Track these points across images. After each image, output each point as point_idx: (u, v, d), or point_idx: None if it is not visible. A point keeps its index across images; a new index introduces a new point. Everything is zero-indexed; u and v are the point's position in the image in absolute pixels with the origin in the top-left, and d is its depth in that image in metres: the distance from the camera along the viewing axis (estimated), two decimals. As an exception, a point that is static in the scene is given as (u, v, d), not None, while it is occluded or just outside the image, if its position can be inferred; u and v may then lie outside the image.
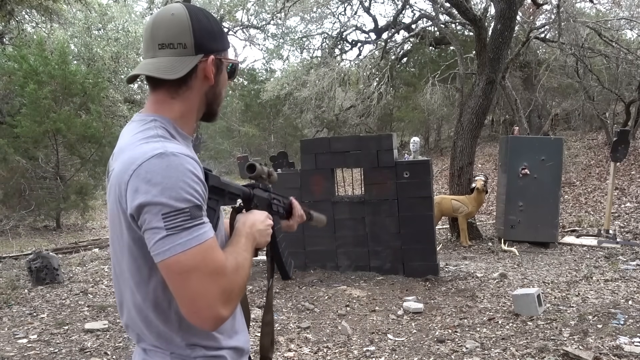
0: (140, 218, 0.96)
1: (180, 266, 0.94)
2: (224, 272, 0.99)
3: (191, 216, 0.95)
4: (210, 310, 0.97)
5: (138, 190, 0.96)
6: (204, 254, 0.96)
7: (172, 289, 0.97)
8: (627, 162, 11.38)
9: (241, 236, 1.11)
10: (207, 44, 1.10)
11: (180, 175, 0.96)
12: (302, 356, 3.58)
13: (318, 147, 5.89)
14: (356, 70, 15.97)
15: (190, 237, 0.95)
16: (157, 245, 0.94)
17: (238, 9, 20.26)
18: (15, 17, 13.75)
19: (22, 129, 10.57)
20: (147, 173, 0.96)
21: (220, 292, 0.97)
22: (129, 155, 1.02)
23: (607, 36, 11.86)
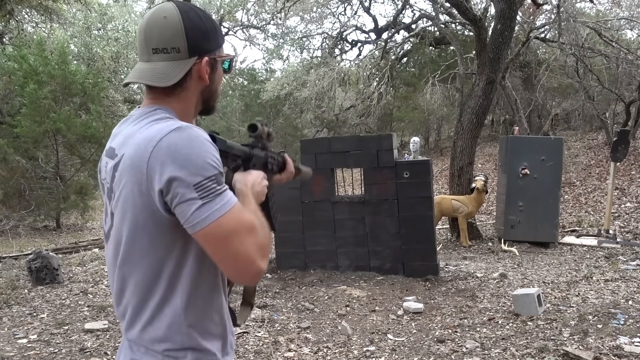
0: (170, 192, 0.98)
1: (221, 230, 0.99)
2: (256, 229, 1.05)
3: (218, 182, 1.00)
4: (252, 265, 1.03)
5: (164, 164, 0.98)
6: (238, 215, 1.02)
7: (214, 254, 1.02)
8: (627, 162, 11.39)
9: (248, 196, 1.14)
10: (200, 45, 1.10)
11: (202, 145, 1.00)
12: (302, 356, 3.58)
13: (318, 147, 5.89)
14: (356, 70, 15.97)
15: (224, 202, 1.00)
16: (194, 216, 0.98)
17: (238, 9, 20.27)
18: (15, 17, 13.75)
19: (22, 129, 10.57)
20: (170, 147, 0.99)
21: (257, 247, 1.04)
22: (142, 136, 1.03)
23: (607, 36, 11.86)
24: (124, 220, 1.06)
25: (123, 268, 1.10)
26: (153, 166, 0.99)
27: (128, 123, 1.12)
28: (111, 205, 1.10)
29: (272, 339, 3.83)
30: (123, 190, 1.05)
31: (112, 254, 1.12)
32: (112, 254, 1.12)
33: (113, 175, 1.08)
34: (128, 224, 1.05)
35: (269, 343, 3.75)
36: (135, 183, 1.01)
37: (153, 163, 0.99)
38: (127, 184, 1.03)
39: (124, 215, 1.06)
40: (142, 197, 1.01)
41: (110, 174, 1.10)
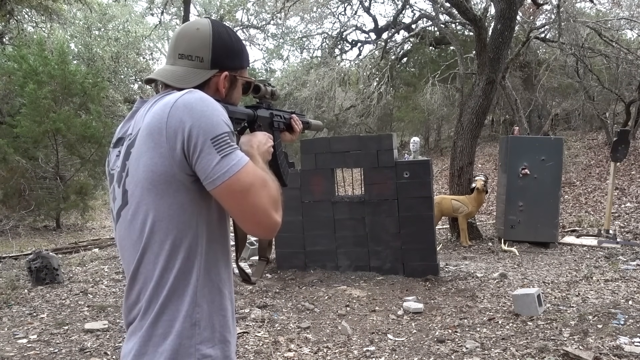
0: (191, 147, 1.03)
1: (240, 183, 1.05)
2: (269, 183, 1.11)
3: (231, 139, 1.06)
4: (269, 218, 1.09)
5: (182, 120, 1.03)
6: (253, 171, 1.08)
7: (234, 208, 1.08)
8: (627, 162, 11.38)
9: (256, 157, 1.19)
10: (223, 60, 1.20)
11: (214, 105, 1.07)
12: (302, 356, 3.58)
13: (318, 147, 5.89)
14: (356, 70, 15.97)
15: (239, 158, 1.06)
16: (214, 170, 1.03)
17: (238, 9, 20.27)
18: (15, 17, 13.75)
19: (22, 129, 10.56)
20: (186, 105, 1.05)
21: (271, 201, 1.10)
22: (157, 106, 1.09)
23: (607, 36, 11.86)
24: (143, 191, 1.07)
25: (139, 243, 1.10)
26: (172, 124, 1.04)
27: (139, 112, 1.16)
28: (123, 184, 1.12)
29: (272, 339, 3.83)
30: (141, 160, 1.07)
31: (124, 233, 1.13)
32: (124, 234, 1.13)
33: (127, 153, 1.11)
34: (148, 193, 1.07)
35: (269, 343, 3.75)
36: (155, 147, 1.05)
37: (172, 121, 1.04)
38: (147, 151, 1.06)
39: (143, 185, 1.07)
40: (162, 159, 1.04)
41: (122, 156, 1.13)
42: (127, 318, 1.15)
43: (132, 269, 1.11)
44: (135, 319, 1.12)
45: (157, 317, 1.08)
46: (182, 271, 1.08)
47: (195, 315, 1.08)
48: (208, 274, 1.11)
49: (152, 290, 1.09)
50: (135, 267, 1.10)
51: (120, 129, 1.21)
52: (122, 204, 1.12)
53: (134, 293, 1.12)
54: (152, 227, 1.07)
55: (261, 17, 20.37)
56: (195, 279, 1.09)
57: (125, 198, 1.11)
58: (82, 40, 18.24)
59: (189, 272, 1.08)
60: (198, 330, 1.08)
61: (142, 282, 1.10)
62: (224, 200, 1.07)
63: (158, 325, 1.08)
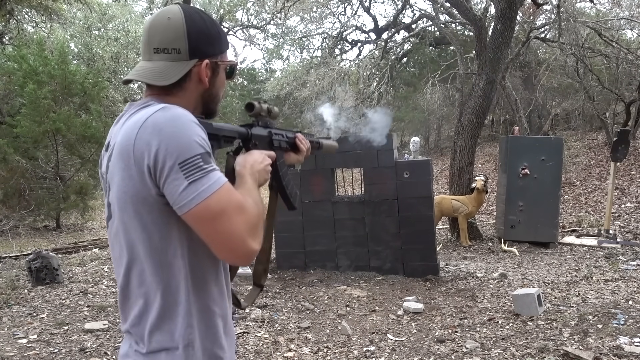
0: (158, 171, 0.98)
1: (209, 210, 0.98)
2: (247, 208, 1.04)
3: (204, 162, 0.99)
4: (243, 245, 1.02)
5: (150, 143, 0.97)
6: (227, 194, 1.01)
7: (204, 235, 1.01)
8: (627, 162, 11.38)
9: (245, 177, 1.14)
10: (202, 48, 1.11)
11: (187, 124, 1.00)
12: (302, 356, 3.58)
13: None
14: (356, 70, 15.97)
15: (211, 182, 0.99)
16: (181, 197, 0.97)
17: (238, 9, 20.26)
18: (15, 17, 13.74)
19: (22, 129, 10.55)
20: (155, 126, 0.98)
21: (248, 227, 1.03)
22: (130, 122, 1.04)
23: (607, 36, 11.85)
24: (120, 209, 1.06)
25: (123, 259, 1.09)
26: (139, 147, 0.98)
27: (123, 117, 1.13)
28: (107, 195, 1.10)
29: (272, 339, 3.83)
30: (115, 178, 1.05)
31: (112, 243, 1.12)
32: (112, 244, 1.12)
33: (107, 166, 1.09)
34: (123, 212, 1.05)
35: (269, 343, 3.75)
36: (125, 169, 1.01)
37: (139, 144, 0.98)
38: (119, 171, 1.03)
39: (119, 204, 1.05)
40: (132, 182, 1.01)
41: (105, 166, 1.11)
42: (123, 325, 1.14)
43: (121, 284, 1.10)
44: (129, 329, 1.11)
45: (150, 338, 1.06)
46: (168, 291, 1.04)
47: (188, 337, 1.05)
48: (197, 291, 1.07)
49: (141, 309, 1.07)
50: (123, 283, 1.09)
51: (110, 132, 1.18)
52: (108, 215, 1.11)
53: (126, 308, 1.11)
54: (132, 246, 1.05)
55: (261, 17, 20.36)
56: (185, 298, 1.05)
57: (110, 211, 1.10)
58: (82, 40, 18.23)
59: (176, 291, 1.05)
60: (192, 351, 1.06)
61: (132, 299, 1.09)
62: (194, 227, 1.01)
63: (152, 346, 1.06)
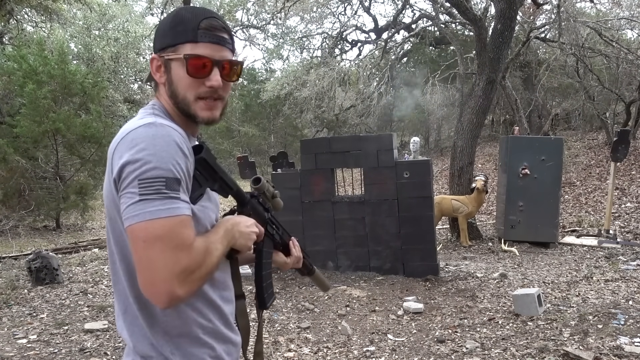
0: (119, 183, 0.96)
1: (145, 234, 0.92)
2: (189, 250, 0.95)
3: (167, 187, 0.93)
4: (165, 284, 0.92)
5: (122, 155, 0.96)
6: (172, 227, 0.93)
7: (134, 256, 0.95)
8: (627, 162, 11.38)
9: (220, 228, 1.06)
10: (156, 44, 1.09)
11: (165, 145, 0.95)
12: (302, 356, 3.57)
13: (318, 147, 5.88)
14: (356, 70, 15.97)
15: (162, 208, 0.92)
16: (128, 210, 0.93)
17: (238, 9, 20.24)
18: (15, 17, 13.74)
19: (22, 129, 10.55)
20: (133, 140, 0.96)
21: (179, 269, 0.93)
22: (121, 130, 1.04)
23: (608, 36, 11.85)
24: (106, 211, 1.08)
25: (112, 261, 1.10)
26: (115, 157, 0.98)
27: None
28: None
29: (272, 339, 3.82)
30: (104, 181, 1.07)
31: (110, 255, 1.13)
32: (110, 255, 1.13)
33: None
34: (107, 216, 1.07)
35: (269, 343, 3.75)
36: (107, 174, 1.03)
37: (116, 154, 0.98)
38: (106, 175, 1.05)
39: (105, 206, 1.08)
40: (110, 189, 1.01)
41: None
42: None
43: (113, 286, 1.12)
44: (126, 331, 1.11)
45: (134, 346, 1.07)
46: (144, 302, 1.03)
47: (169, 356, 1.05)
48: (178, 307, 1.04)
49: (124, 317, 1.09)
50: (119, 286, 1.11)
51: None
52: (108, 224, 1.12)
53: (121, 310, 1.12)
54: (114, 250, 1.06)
55: (261, 17, 20.33)
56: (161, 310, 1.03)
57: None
58: (82, 40, 18.24)
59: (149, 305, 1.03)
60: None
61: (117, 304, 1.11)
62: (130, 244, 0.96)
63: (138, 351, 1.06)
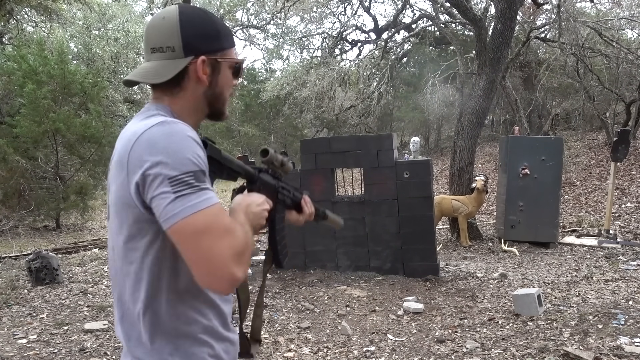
0: (146, 185, 0.97)
1: (192, 228, 0.95)
2: (235, 232, 1.00)
3: (196, 179, 0.97)
4: (225, 269, 0.97)
5: (142, 157, 0.97)
6: (214, 216, 0.97)
7: (185, 254, 0.97)
8: (627, 162, 11.37)
9: (238, 212, 1.10)
10: (197, 45, 1.09)
11: (183, 141, 0.98)
12: (302, 356, 3.57)
13: (318, 147, 5.88)
14: (356, 70, 15.97)
15: (199, 200, 0.96)
16: (167, 210, 0.95)
17: (238, 9, 20.24)
18: (15, 17, 13.74)
19: (21, 129, 10.55)
20: (150, 140, 0.98)
21: (233, 252, 0.98)
22: (129, 132, 1.04)
23: (608, 36, 11.85)
24: (114, 216, 1.07)
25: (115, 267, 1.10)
26: (132, 160, 0.99)
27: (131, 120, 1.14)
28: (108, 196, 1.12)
29: (272, 339, 3.82)
30: (112, 186, 1.06)
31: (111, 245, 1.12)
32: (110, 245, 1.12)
33: (110, 171, 1.10)
34: (116, 220, 1.06)
35: (269, 343, 3.75)
36: (119, 178, 1.02)
37: (132, 157, 0.99)
38: (115, 179, 1.04)
39: (113, 211, 1.07)
40: (124, 192, 1.01)
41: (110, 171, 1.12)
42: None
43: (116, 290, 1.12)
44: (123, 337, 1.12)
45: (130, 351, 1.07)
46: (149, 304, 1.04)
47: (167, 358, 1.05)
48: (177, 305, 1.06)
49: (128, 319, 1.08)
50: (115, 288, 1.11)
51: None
52: (108, 216, 1.12)
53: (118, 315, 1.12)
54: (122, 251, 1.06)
55: (261, 17, 20.34)
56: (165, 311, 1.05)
57: (109, 212, 1.11)
58: (82, 40, 18.23)
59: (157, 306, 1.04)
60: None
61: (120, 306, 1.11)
62: (177, 243, 0.98)
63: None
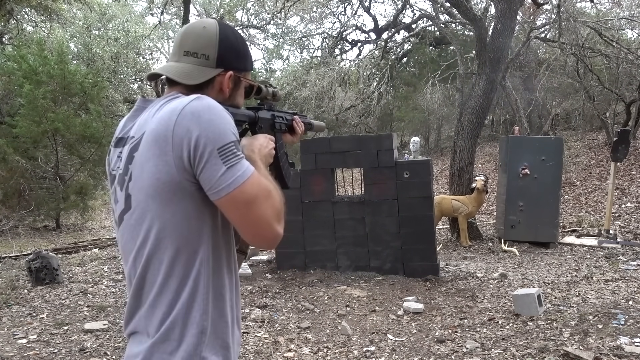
0: (197, 156, 1.02)
1: (244, 196, 1.04)
2: (273, 194, 1.11)
3: (237, 149, 1.06)
4: (271, 229, 1.09)
5: (189, 129, 1.02)
6: (258, 181, 1.08)
7: (237, 219, 1.08)
8: (627, 162, 11.37)
9: (258, 162, 1.19)
10: (229, 60, 1.19)
11: (222, 112, 1.06)
12: (302, 356, 3.57)
13: (318, 147, 5.88)
14: (356, 70, 15.97)
15: (245, 169, 1.06)
16: (219, 181, 1.03)
17: (238, 9, 20.25)
18: (15, 17, 13.74)
19: (21, 129, 10.54)
20: (194, 113, 1.04)
21: (275, 212, 1.10)
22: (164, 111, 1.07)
23: (608, 36, 11.84)
24: (148, 197, 1.07)
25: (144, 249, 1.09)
26: (179, 133, 1.03)
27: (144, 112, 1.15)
28: (126, 187, 1.11)
29: (272, 339, 3.82)
30: (145, 166, 1.06)
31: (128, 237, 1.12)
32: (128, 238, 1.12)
33: (130, 157, 1.10)
34: (152, 200, 1.06)
35: (269, 343, 3.75)
36: (160, 155, 1.04)
37: (178, 130, 1.03)
38: (152, 158, 1.05)
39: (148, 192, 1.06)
40: (167, 168, 1.04)
41: (125, 159, 1.12)
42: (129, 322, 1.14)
43: (138, 275, 1.10)
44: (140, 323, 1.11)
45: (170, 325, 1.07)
46: (189, 278, 1.08)
47: (203, 323, 1.09)
48: (213, 280, 1.11)
49: (159, 297, 1.08)
50: (141, 273, 1.10)
51: (121, 128, 1.19)
52: (124, 208, 1.12)
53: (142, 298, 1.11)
54: (158, 235, 1.07)
55: (261, 17, 20.36)
56: (203, 287, 1.09)
57: (129, 202, 1.10)
58: (82, 40, 18.25)
59: (197, 279, 1.08)
60: (204, 338, 1.09)
61: (148, 287, 1.09)
62: (228, 212, 1.07)
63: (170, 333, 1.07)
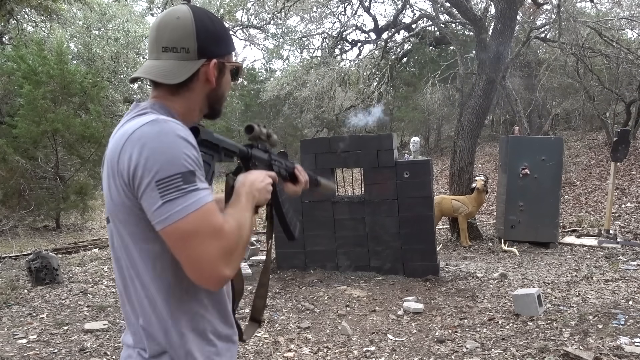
0: (135, 186, 0.98)
1: (180, 232, 0.97)
2: (223, 233, 1.00)
3: (184, 182, 0.97)
4: (212, 270, 0.99)
5: (131, 157, 0.98)
6: (202, 217, 0.98)
7: (176, 254, 1.00)
8: (627, 162, 11.38)
9: (241, 195, 1.12)
10: (210, 48, 1.12)
11: (173, 141, 0.98)
12: (302, 356, 3.57)
13: (318, 147, 5.88)
14: (356, 70, 15.95)
15: (188, 203, 0.96)
16: (155, 215, 0.97)
17: (238, 9, 20.24)
18: (15, 17, 13.73)
19: (20, 129, 10.55)
20: (140, 139, 0.98)
21: (221, 252, 0.99)
22: (121, 131, 1.05)
23: (608, 36, 11.84)
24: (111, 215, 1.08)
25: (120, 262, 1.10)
26: (123, 159, 0.99)
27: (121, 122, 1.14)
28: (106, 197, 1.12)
29: (272, 339, 3.82)
30: (104, 184, 1.07)
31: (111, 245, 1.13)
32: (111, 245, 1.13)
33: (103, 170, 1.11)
34: (113, 218, 1.07)
35: (269, 343, 3.75)
36: (111, 176, 1.03)
37: (123, 156, 0.99)
38: (107, 177, 1.05)
39: (110, 210, 1.07)
40: (117, 190, 1.02)
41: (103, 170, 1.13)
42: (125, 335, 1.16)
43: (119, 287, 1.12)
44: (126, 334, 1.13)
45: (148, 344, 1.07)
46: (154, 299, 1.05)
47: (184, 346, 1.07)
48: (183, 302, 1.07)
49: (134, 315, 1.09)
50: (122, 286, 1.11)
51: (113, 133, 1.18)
52: (107, 217, 1.12)
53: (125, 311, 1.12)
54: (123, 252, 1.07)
55: (261, 17, 20.32)
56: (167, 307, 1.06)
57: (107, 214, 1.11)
58: (82, 40, 18.23)
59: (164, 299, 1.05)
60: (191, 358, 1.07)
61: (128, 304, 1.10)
62: (168, 245, 1.00)
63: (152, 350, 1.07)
